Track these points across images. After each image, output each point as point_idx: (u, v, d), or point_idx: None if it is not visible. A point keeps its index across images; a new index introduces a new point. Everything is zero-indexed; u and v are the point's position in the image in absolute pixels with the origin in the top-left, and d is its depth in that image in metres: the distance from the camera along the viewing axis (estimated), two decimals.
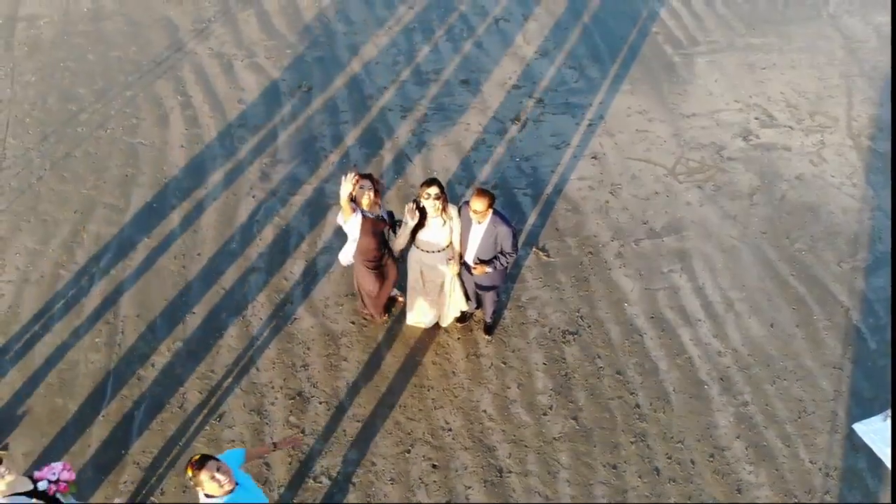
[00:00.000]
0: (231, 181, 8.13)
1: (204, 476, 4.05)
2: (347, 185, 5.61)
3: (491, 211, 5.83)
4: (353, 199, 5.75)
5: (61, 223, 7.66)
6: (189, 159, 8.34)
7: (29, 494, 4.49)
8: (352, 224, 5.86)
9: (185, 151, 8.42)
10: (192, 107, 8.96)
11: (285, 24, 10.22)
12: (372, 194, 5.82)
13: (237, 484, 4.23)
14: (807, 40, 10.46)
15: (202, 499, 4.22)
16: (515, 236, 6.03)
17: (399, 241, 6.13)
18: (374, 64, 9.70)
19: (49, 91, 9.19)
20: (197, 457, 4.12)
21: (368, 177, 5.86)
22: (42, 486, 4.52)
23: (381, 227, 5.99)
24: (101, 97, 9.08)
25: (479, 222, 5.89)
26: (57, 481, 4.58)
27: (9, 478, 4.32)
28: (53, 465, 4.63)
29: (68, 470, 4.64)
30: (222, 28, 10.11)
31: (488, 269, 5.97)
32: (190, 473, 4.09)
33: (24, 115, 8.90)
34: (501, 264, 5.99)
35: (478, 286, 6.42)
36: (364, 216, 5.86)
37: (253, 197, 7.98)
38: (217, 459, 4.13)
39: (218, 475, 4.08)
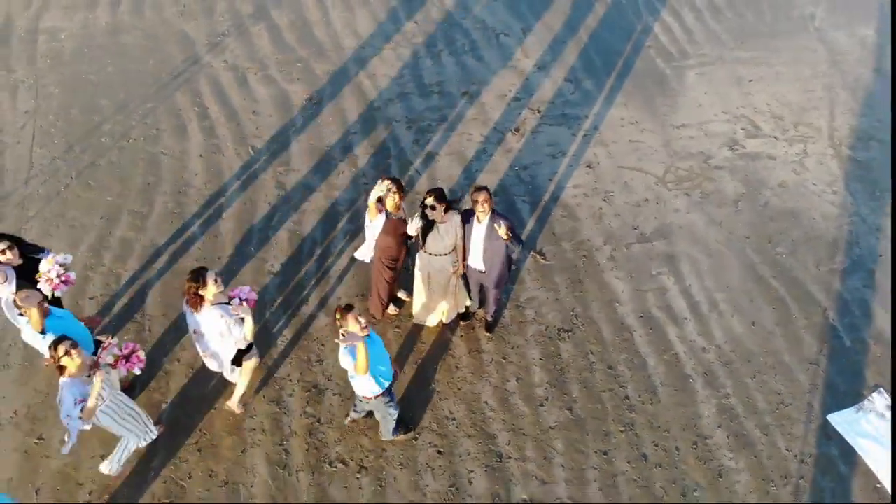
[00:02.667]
0: (247, 188, 8.65)
1: (350, 318, 5.29)
2: (380, 190, 6.18)
3: (491, 207, 6.34)
4: (380, 201, 6.32)
5: (89, 228, 8.17)
6: (208, 168, 8.86)
7: None
8: (377, 223, 6.42)
9: (204, 160, 8.94)
10: (209, 118, 9.49)
11: (295, 38, 10.75)
12: (397, 197, 6.37)
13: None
14: (793, 53, 10.99)
15: (341, 343, 5.34)
16: (515, 229, 6.53)
17: (411, 229, 6.57)
18: (380, 77, 10.22)
19: (72, 102, 9.71)
20: (343, 304, 5.42)
21: (396, 181, 6.41)
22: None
23: (402, 229, 6.53)
24: (123, 108, 9.60)
25: (480, 220, 6.41)
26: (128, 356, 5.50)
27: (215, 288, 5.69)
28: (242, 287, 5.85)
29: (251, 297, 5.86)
30: (236, 42, 10.64)
31: (507, 234, 6.29)
32: (338, 315, 5.35)
33: (49, 125, 9.41)
34: (514, 240, 6.41)
35: (483, 284, 6.94)
36: (388, 217, 6.40)
37: (268, 204, 8.50)
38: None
39: (360, 318, 5.32)
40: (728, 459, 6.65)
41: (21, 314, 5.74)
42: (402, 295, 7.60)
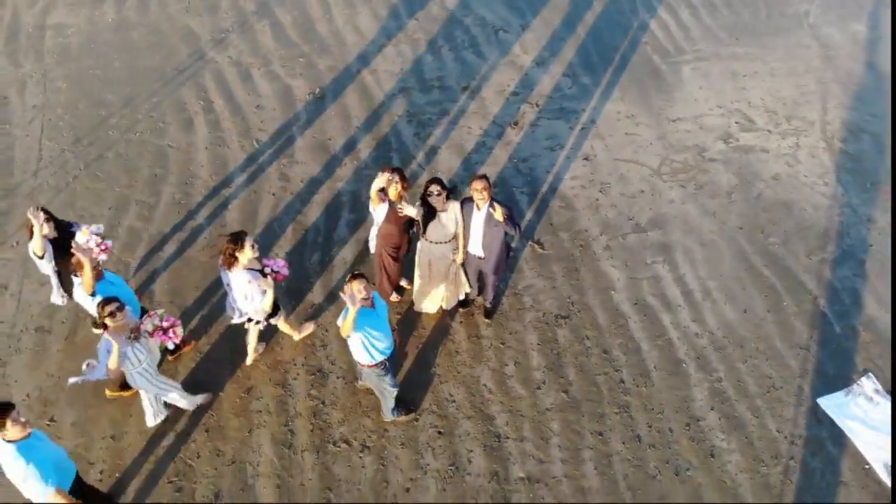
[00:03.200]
0: (252, 180, 8.85)
1: (356, 283, 5.51)
2: (381, 181, 6.38)
3: (490, 195, 6.54)
4: (383, 191, 6.52)
5: (97, 218, 8.37)
6: (213, 160, 9.07)
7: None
8: (379, 212, 6.63)
9: (209, 153, 9.14)
10: (214, 112, 9.69)
11: (298, 34, 10.96)
12: (399, 187, 6.57)
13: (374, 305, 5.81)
14: (787, 49, 11.20)
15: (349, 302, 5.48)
16: (513, 215, 6.73)
17: (412, 211, 6.75)
18: (382, 72, 10.43)
19: (80, 97, 9.91)
20: (357, 272, 5.67)
21: (398, 171, 6.62)
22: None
23: (405, 218, 6.73)
24: (129, 103, 9.81)
25: (480, 208, 6.62)
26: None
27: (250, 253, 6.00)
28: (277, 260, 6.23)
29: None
30: (240, 38, 10.85)
31: (504, 217, 6.49)
32: (348, 279, 5.58)
33: (57, 119, 9.62)
34: (511, 225, 6.62)
35: (482, 271, 7.15)
36: (390, 205, 6.61)
37: (273, 195, 8.71)
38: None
39: (365, 289, 5.54)
40: (720, 440, 6.85)
41: (76, 275, 6.03)
42: (403, 283, 7.80)
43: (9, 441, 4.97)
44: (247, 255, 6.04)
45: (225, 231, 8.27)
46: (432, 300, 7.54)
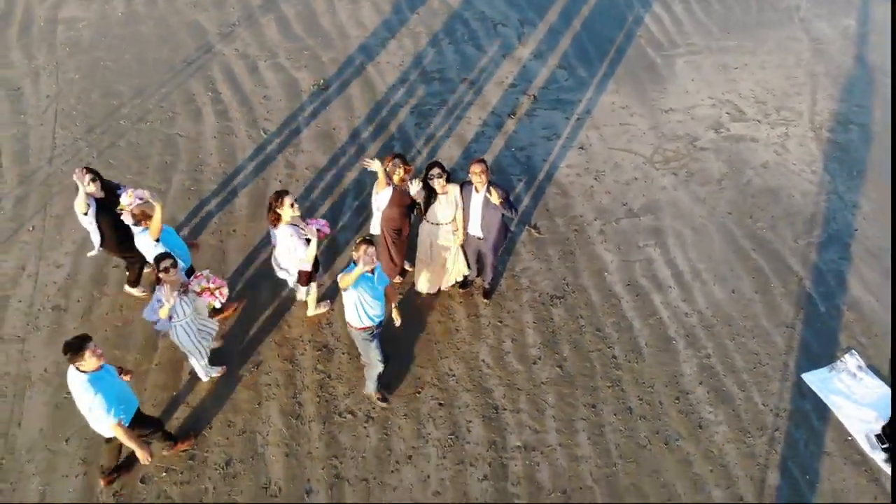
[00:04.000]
0: (260, 168, 9.18)
1: (363, 248, 5.87)
2: (379, 167, 6.79)
3: (488, 175, 6.87)
4: (387, 175, 6.87)
5: None
6: (222, 149, 9.39)
7: None
8: (383, 196, 6.95)
9: (218, 142, 9.47)
10: (222, 102, 10.02)
11: (303, 28, 11.28)
12: (402, 171, 6.91)
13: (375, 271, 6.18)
14: (777, 43, 11.53)
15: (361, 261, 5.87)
16: (510, 197, 7.06)
17: (413, 191, 7.11)
18: (384, 64, 10.76)
19: (92, 87, 10.24)
20: (367, 238, 5.98)
21: (400, 157, 6.96)
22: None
23: (407, 201, 7.07)
24: (140, 93, 10.14)
25: (478, 190, 6.94)
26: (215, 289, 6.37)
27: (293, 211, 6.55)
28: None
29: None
30: (246, 31, 11.18)
31: (501, 199, 6.82)
32: (358, 240, 5.96)
33: (70, 108, 9.94)
34: (508, 207, 6.95)
35: (481, 251, 7.47)
36: (394, 189, 6.94)
37: (280, 182, 9.03)
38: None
39: (372, 259, 5.93)
40: (708, 413, 7.18)
41: (136, 224, 6.54)
42: (405, 265, 8.11)
43: (82, 371, 5.45)
44: (287, 212, 6.57)
45: (234, 216, 8.59)
46: (433, 280, 7.86)
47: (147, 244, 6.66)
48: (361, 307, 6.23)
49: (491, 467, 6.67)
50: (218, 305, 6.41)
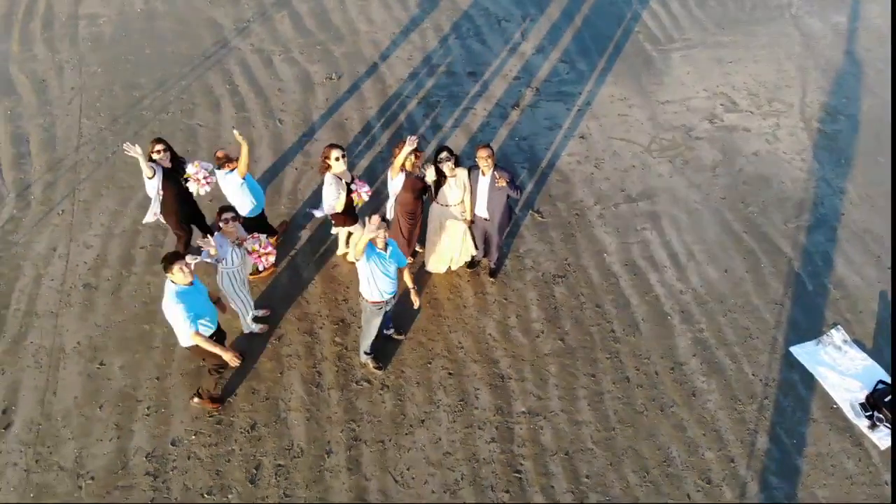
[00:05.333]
0: (276, 155, 9.65)
1: (376, 220, 6.35)
2: (407, 150, 7.26)
3: (494, 159, 7.35)
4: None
5: (136, 189, 9.18)
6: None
7: None
8: (397, 181, 7.43)
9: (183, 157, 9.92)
10: (240, 94, 10.50)
11: (315, 24, 11.77)
12: (414, 158, 7.39)
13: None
14: (770, 38, 12.01)
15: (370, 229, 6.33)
16: (514, 179, 7.54)
17: (428, 177, 7.60)
18: (393, 58, 11.24)
19: (114, 80, 10.72)
20: (384, 217, 6.63)
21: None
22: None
23: (419, 185, 7.54)
24: (161, 86, 10.62)
25: (485, 173, 7.42)
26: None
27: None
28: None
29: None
30: (260, 27, 11.66)
31: (506, 181, 7.31)
32: (374, 216, 6.43)
33: (94, 100, 10.42)
34: (513, 188, 7.43)
35: (488, 231, 7.95)
36: (407, 174, 7.41)
37: (295, 169, 9.51)
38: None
39: (385, 237, 6.51)
40: (701, 382, 7.66)
41: (220, 167, 7.35)
42: (416, 247, 8.59)
43: (173, 283, 6.09)
44: (334, 166, 7.24)
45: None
46: (442, 260, 8.33)
47: (232, 185, 7.36)
48: (374, 281, 6.70)
49: (498, 430, 7.15)
50: (261, 269, 6.99)
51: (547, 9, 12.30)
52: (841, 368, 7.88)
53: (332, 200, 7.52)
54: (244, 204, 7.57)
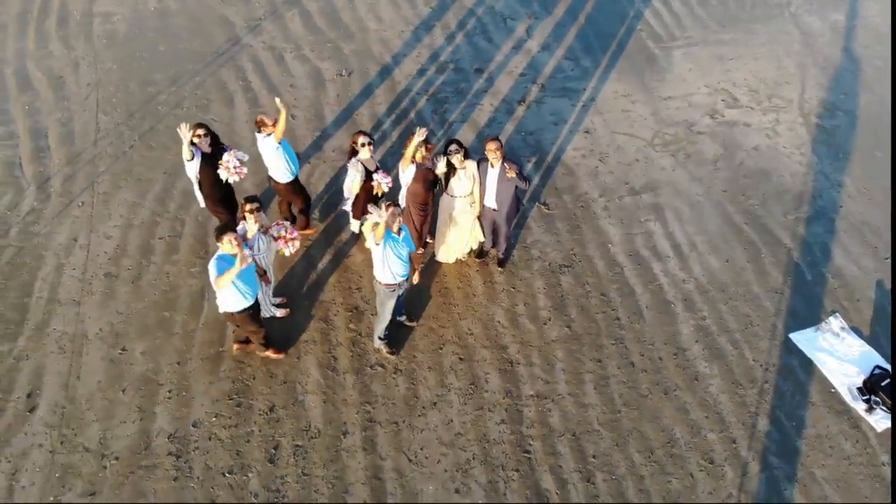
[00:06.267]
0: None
1: (392, 210, 6.66)
2: (417, 140, 7.56)
3: (502, 152, 7.61)
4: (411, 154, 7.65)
5: (154, 182, 9.43)
6: (253, 133, 10.10)
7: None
8: (408, 173, 7.69)
9: (250, 126, 10.20)
10: (253, 90, 10.76)
11: (325, 22, 12.03)
12: (424, 150, 7.65)
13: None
14: (769, 36, 12.28)
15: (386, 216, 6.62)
16: (522, 170, 7.81)
17: (439, 168, 7.89)
18: (401, 55, 11.50)
19: (129, 77, 10.98)
20: (396, 202, 7.11)
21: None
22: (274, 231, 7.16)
23: (430, 176, 7.80)
24: (175, 82, 10.88)
25: (493, 165, 7.68)
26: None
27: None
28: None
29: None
30: (271, 25, 11.92)
31: (515, 172, 7.58)
32: (388, 203, 6.69)
33: (110, 96, 10.68)
34: (522, 179, 7.70)
35: (496, 222, 8.20)
36: (418, 166, 7.68)
37: (308, 162, 9.76)
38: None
39: (399, 222, 6.82)
40: (703, 367, 7.91)
41: (258, 131, 7.86)
42: (427, 238, 8.84)
43: (222, 252, 6.54)
44: (359, 149, 7.76)
45: (268, 192, 9.33)
46: (452, 250, 8.59)
47: (269, 148, 7.77)
48: (387, 264, 6.96)
49: (507, 412, 7.41)
50: (287, 254, 7.27)
51: (551, 7, 12.57)
52: (839, 354, 8.14)
53: (350, 182, 7.90)
54: (279, 167, 7.98)
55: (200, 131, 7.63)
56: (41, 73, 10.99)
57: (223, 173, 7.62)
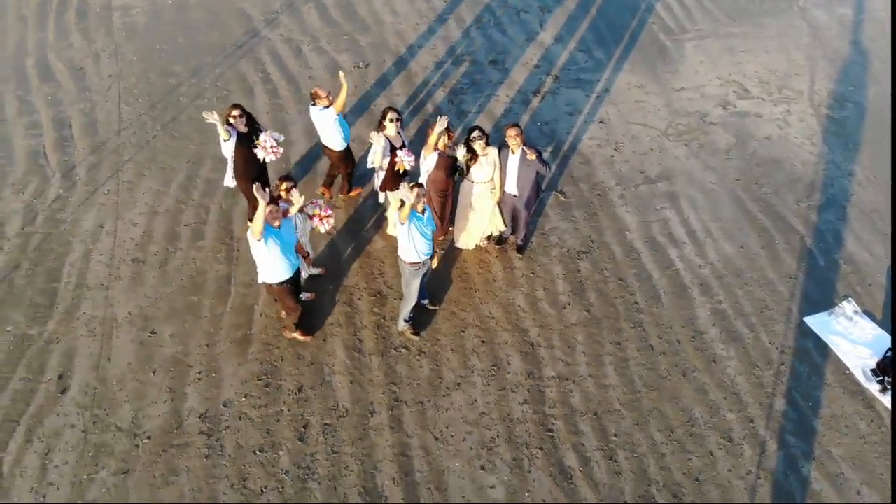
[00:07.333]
0: (310, 140, 10.07)
1: (416, 190, 6.89)
2: (440, 126, 7.77)
3: (522, 138, 7.78)
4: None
5: (178, 170, 9.60)
6: (274, 123, 10.28)
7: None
8: (430, 160, 7.87)
9: (270, 116, 10.36)
10: (272, 82, 10.92)
11: (341, 15, 12.19)
12: (446, 137, 7.82)
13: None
14: (779, 29, 12.45)
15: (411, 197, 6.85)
16: (542, 155, 7.98)
17: (460, 155, 8.06)
18: (417, 47, 11.67)
19: (150, 68, 11.14)
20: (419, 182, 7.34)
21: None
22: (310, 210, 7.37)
23: (451, 163, 7.97)
24: (195, 74, 11.04)
25: (514, 152, 7.85)
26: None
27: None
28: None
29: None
30: (288, 18, 12.08)
31: (535, 156, 7.76)
32: (411, 184, 6.97)
33: (132, 87, 10.84)
34: (542, 163, 7.86)
35: (516, 207, 8.37)
36: (440, 154, 7.84)
37: None
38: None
39: (423, 202, 7.11)
40: (721, 350, 8.08)
41: (313, 104, 8.35)
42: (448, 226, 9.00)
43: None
44: (386, 124, 7.94)
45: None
46: (472, 237, 8.75)
47: (327, 119, 8.17)
48: (412, 243, 7.14)
49: (530, 393, 7.58)
50: (322, 231, 7.56)
51: (564, 1, 12.73)
52: (852, 337, 8.30)
53: (371, 154, 8.18)
54: (334, 137, 8.43)
55: (236, 112, 7.87)
56: (62, 64, 11.15)
57: (260, 153, 7.86)
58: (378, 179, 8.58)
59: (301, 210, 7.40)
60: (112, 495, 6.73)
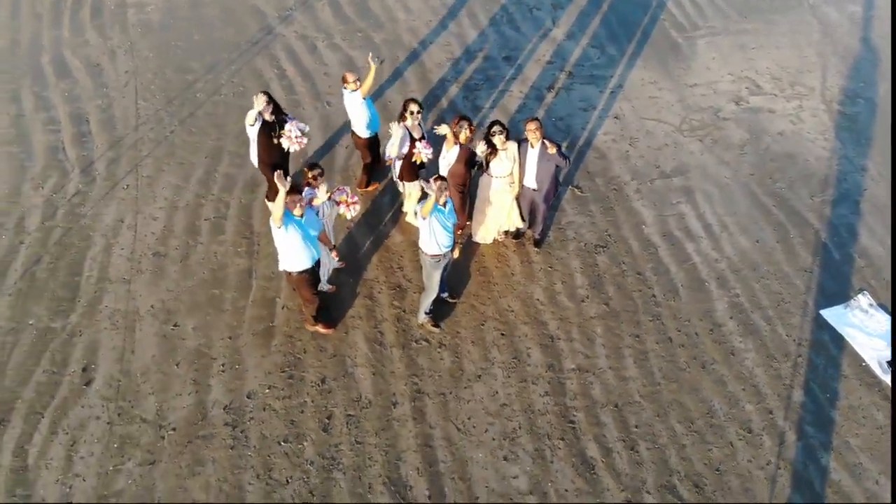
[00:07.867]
0: (326, 135, 10.14)
1: (437, 184, 6.99)
2: (450, 127, 7.90)
3: (542, 131, 7.84)
4: (455, 135, 7.86)
5: (196, 165, 9.66)
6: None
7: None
8: (452, 153, 7.93)
9: (287, 111, 10.40)
10: (287, 77, 10.99)
11: (354, 11, 12.26)
12: (468, 131, 7.89)
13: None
14: (790, 26, 12.52)
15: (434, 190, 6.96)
16: (561, 148, 8.04)
17: (479, 149, 8.13)
18: (430, 44, 11.73)
19: (166, 65, 11.20)
20: (441, 175, 7.47)
21: (466, 118, 7.94)
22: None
23: (471, 157, 8.04)
24: (211, 70, 11.10)
25: (533, 146, 7.92)
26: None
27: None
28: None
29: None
30: (302, 15, 12.15)
31: (555, 150, 7.81)
32: (434, 178, 7.10)
33: (149, 83, 10.90)
34: (562, 156, 7.91)
35: (534, 201, 8.43)
36: (461, 147, 7.91)
37: (345, 147, 10.00)
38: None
39: (445, 194, 7.20)
40: (738, 342, 8.15)
41: (344, 87, 8.50)
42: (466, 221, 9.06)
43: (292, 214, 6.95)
44: (409, 118, 8.06)
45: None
46: (490, 230, 8.82)
47: (355, 102, 8.34)
48: (434, 235, 7.21)
49: (550, 385, 7.65)
50: (349, 217, 7.73)
51: None
52: (868, 329, 8.37)
53: (389, 146, 8.26)
54: (361, 121, 8.60)
55: (263, 98, 7.95)
56: (79, 60, 11.21)
57: (285, 142, 7.97)
58: (396, 170, 8.65)
59: (329, 197, 7.49)
60: (138, 486, 6.80)
